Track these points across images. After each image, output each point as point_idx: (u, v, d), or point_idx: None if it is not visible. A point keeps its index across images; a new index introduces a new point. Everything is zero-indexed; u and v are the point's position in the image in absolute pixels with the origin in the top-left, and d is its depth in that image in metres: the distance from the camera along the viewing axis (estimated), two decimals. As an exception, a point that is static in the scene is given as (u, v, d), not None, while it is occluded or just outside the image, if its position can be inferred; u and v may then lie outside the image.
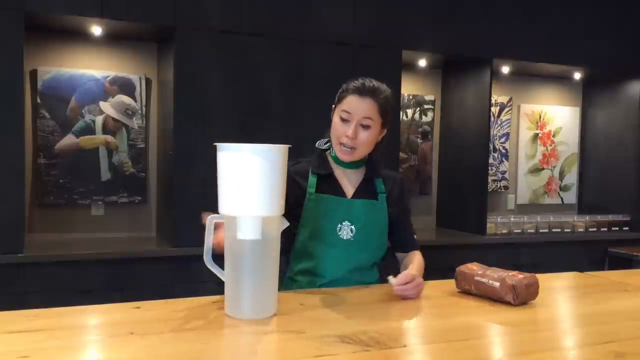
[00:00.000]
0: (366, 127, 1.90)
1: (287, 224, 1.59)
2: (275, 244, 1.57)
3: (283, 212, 1.57)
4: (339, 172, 2.01)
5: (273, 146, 1.51)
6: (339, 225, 1.93)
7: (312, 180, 1.96)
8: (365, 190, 2.00)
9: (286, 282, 2.01)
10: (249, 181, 1.47)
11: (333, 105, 1.99)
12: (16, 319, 1.45)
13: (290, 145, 1.56)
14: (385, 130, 1.99)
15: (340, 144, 1.92)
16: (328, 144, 2.02)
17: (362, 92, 1.89)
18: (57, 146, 3.50)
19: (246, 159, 1.48)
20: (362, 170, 2.03)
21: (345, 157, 1.95)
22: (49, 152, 3.48)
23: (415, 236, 2.12)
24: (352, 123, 1.89)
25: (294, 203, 1.90)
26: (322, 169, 1.98)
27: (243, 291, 1.52)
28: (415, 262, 1.99)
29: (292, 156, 1.60)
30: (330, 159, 2.02)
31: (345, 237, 1.93)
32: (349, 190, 1.99)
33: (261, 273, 1.53)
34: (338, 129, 1.92)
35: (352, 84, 1.92)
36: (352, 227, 1.94)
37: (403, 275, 1.77)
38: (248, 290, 1.52)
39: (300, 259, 1.96)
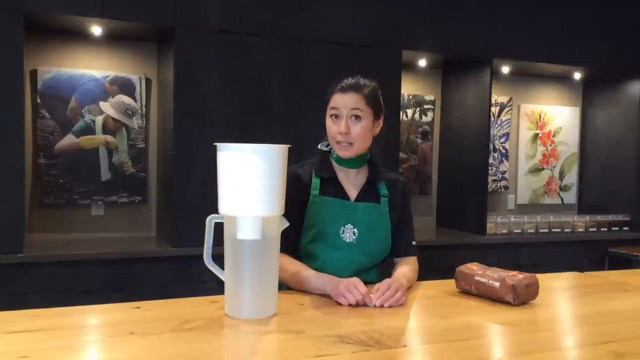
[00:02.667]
0: (357, 118, 1.92)
1: (287, 224, 1.59)
2: (275, 243, 1.57)
3: (283, 212, 1.57)
4: (342, 175, 2.01)
5: (273, 146, 1.51)
6: (342, 228, 1.94)
7: (316, 182, 1.97)
8: (368, 193, 2.00)
9: None
10: (249, 181, 1.47)
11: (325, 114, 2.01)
12: (16, 319, 1.45)
13: (290, 145, 1.56)
14: (380, 122, 2.00)
15: (337, 142, 1.94)
16: (329, 146, 2.03)
17: (344, 88, 1.93)
18: (57, 146, 3.49)
19: (246, 159, 1.48)
20: (364, 172, 2.03)
21: (344, 154, 1.95)
22: (49, 152, 3.48)
23: (414, 243, 2.07)
24: (342, 118, 1.92)
25: (301, 204, 1.92)
26: (325, 172, 1.99)
27: (243, 291, 1.52)
28: (404, 268, 1.95)
29: (291, 156, 1.60)
30: (332, 160, 2.03)
31: (348, 240, 1.93)
32: (352, 192, 2.00)
33: (261, 273, 1.53)
34: (331, 128, 1.95)
35: (334, 84, 1.97)
36: (355, 230, 1.94)
37: (380, 285, 1.72)
38: (248, 290, 1.52)
39: (303, 260, 1.96)
